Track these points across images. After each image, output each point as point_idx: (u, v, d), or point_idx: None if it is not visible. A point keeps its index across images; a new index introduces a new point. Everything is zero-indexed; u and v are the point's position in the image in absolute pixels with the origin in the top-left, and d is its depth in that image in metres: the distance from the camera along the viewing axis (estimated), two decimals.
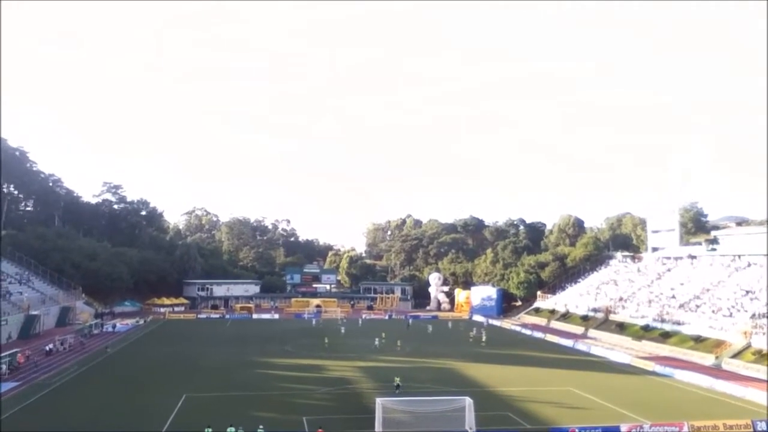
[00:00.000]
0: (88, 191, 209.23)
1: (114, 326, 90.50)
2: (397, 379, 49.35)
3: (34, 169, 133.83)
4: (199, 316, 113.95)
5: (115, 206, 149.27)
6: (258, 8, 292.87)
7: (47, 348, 65.53)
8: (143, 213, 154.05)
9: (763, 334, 64.87)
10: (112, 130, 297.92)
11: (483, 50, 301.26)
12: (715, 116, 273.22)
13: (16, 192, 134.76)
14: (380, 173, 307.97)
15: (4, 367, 54.67)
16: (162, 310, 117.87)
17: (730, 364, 63.02)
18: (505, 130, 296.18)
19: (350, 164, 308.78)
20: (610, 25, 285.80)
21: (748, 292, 79.01)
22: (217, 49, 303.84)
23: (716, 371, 60.43)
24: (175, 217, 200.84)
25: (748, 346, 64.90)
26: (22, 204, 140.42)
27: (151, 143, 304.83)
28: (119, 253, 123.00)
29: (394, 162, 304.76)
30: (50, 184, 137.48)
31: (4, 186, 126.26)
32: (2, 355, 55.90)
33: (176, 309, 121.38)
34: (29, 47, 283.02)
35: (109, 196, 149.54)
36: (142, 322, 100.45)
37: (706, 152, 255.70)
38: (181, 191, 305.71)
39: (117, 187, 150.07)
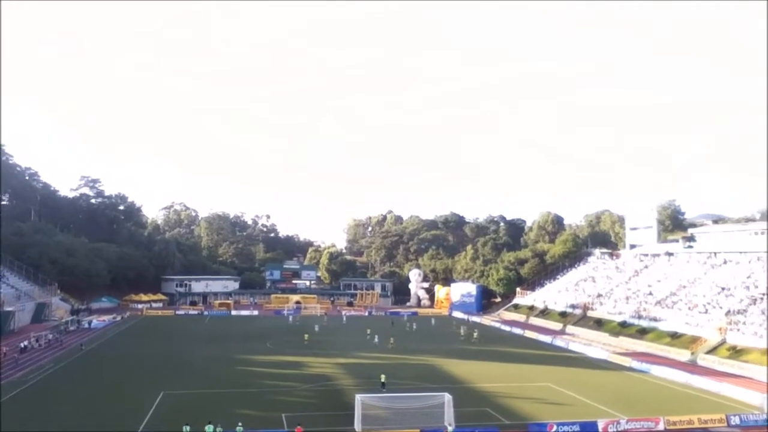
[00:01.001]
0: (66, 185, 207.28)
1: (90, 323, 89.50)
2: (383, 377, 49.15)
3: (10, 162, 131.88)
4: (177, 312, 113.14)
5: (93, 201, 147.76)
6: (258, 8, 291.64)
7: (22, 345, 64.58)
8: (121, 208, 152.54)
9: (738, 330, 65.91)
10: (95, 125, 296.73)
11: (483, 50, 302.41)
12: (715, 116, 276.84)
13: None
14: (362, 171, 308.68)
15: None
16: (140, 306, 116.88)
17: (705, 360, 63.84)
18: (498, 130, 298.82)
19: (332, 161, 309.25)
20: (610, 25, 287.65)
21: (723, 288, 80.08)
22: (216, 49, 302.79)
23: (692, 367, 61.18)
24: (153, 212, 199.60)
25: (723, 342, 65.79)
26: None
27: (132, 139, 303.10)
28: (97, 249, 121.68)
29: (376, 160, 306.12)
30: (27, 177, 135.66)
31: None
32: None
33: (154, 305, 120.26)
34: (30, 47, 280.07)
35: (86, 191, 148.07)
36: (119, 318, 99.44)
37: (696, 151, 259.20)
38: (159, 186, 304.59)
39: (95, 181, 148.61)
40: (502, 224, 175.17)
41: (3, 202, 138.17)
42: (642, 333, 77.48)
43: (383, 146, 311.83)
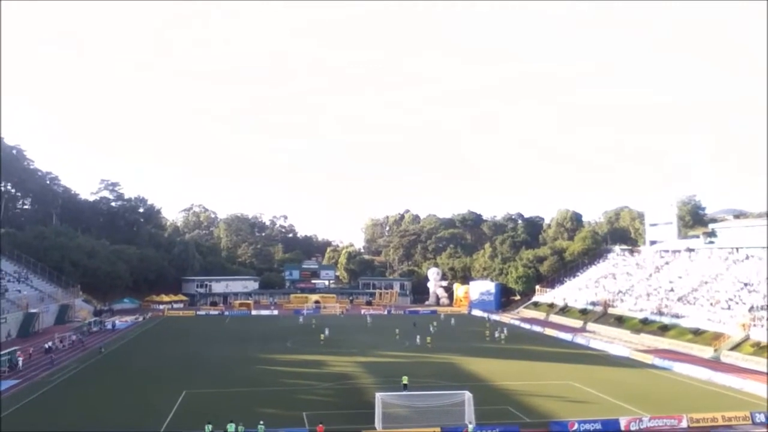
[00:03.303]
0: (86, 189, 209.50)
1: (114, 324, 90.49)
2: (405, 379, 48.14)
3: (32, 167, 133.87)
4: (198, 312, 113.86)
5: (113, 204, 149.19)
6: (258, 8, 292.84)
7: (47, 345, 65.42)
8: (141, 210, 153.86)
9: (762, 326, 65.07)
10: (111, 128, 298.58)
11: (483, 50, 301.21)
12: (715, 116, 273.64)
13: (13, 190, 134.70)
14: (380, 171, 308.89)
15: (14, 364, 54.95)
16: (161, 307, 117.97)
17: (728, 357, 63.17)
18: (504, 129, 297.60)
19: (349, 162, 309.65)
20: (610, 25, 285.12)
21: (746, 284, 79.14)
22: (216, 49, 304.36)
23: (715, 364, 60.54)
24: (173, 215, 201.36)
25: (747, 338, 65.03)
26: (20, 202, 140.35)
27: (149, 142, 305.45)
28: (118, 251, 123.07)
29: (393, 160, 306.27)
30: (48, 182, 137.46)
31: (2, 184, 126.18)
32: (2, 353, 55.83)
33: (175, 306, 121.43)
34: (29, 47, 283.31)
35: (106, 194, 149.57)
36: (141, 319, 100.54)
37: (705, 148, 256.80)
38: (179, 188, 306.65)
39: (114, 184, 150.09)
40: (520, 222, 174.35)
41: (25, 207, 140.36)
42: (664, 330, 76.83)
43: (400, 146, 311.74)
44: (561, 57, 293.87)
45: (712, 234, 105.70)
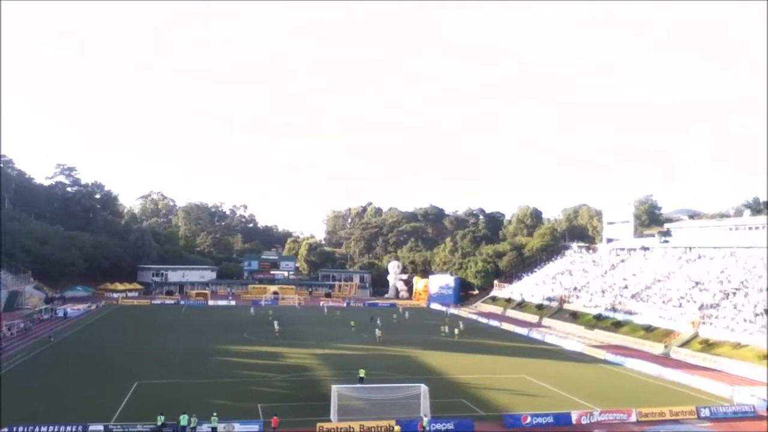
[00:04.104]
0: (41, 173, 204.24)
1: (65, 312, 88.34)
2: (362, 372, 47.67)
3: None
4: (153, 302, 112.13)
5: (69, 189, 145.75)
6: (258, 8, 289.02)
7: None
8: (98, 196, 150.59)
9: (711, 324, 66.90)
10: (111, 129, 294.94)
11: (483, 50, 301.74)
12: (715, 116, 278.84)
13: None
14: (342, 163, 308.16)
15: None
16: (115, 295, 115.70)
17: (678, 353, 64.70)
18: (504, 129, 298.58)
19: (312, 153, 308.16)
20: (610, 25, 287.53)
21: (697, 283, 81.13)
22: (216, 49, 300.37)
23: (664, 360, 62.01)
24: (130, 201, 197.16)
25: (696, 335, 66.77)
26: None
27: (149, 142, 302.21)
28: (72, 237, 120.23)
29: (357, 153, 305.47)
30: (1, 165, 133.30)
31: None
32: None
33: (130, 295, 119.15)
34: (29, 47, 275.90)
35: (62, 179, 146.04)
36: (94, 307, 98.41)
37: (678, 149, 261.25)
38: (137, 175, 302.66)
39: (71, 169, 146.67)
40: (481, 217, 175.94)
41: None
42: (617, 326, 78.33)
43: (400, 146, 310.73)
44: (561, 57, 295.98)
45: (667, 233, 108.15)
